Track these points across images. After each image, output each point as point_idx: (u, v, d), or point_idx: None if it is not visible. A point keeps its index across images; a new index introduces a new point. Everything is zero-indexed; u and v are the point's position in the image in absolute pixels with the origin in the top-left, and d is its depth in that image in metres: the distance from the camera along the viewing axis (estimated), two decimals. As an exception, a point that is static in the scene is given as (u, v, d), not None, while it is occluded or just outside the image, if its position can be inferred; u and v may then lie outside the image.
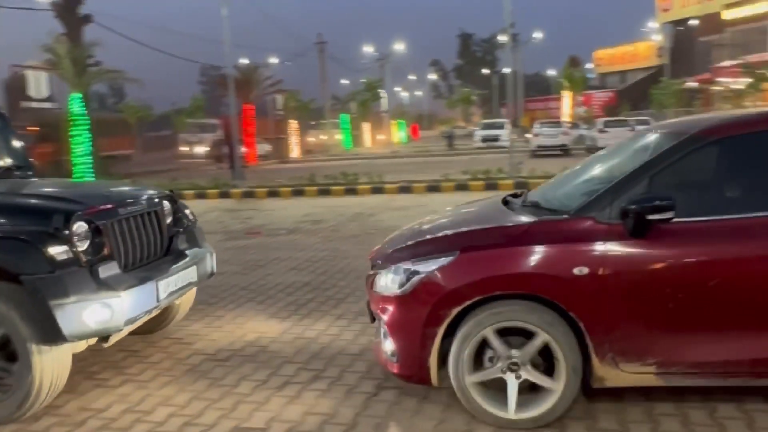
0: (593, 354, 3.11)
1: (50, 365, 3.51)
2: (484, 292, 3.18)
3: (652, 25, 58.80)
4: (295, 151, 37.50)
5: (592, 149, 25.97)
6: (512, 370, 3.18)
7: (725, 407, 3.34)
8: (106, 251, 3.81)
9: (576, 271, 3.07)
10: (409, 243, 3.65)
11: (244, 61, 37.17)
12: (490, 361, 3.25)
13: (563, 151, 26.16)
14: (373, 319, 3.80)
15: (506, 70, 38.40)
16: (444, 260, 3.27)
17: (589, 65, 66.98)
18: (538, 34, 48.45)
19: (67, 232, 3.58)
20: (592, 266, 3.06)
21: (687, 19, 52.47)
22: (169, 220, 4.60)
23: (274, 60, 47.15)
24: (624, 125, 26.20)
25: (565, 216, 3.26)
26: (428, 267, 3.30)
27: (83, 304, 3.47)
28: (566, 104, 43.51)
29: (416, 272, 3.32)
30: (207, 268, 4.72)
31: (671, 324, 3.08)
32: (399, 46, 51.30)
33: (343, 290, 6.20)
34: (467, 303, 3.18)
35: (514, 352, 3.17)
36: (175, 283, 4.23)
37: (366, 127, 49.99)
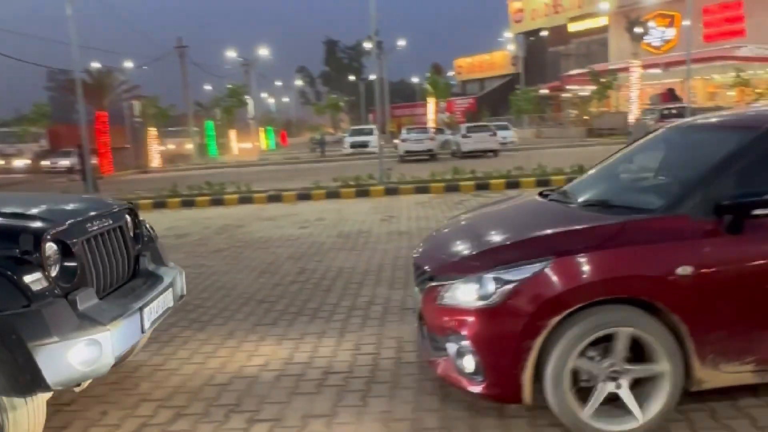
0: (694, 357, 2.97)
1: (25, 423, 2.92)
2: (587, 298, 2.93)
3: (507, 35, 62.25)
4: (155, 160, 35.57)
5: (457, 153, 26.94)
6: (612, 378, 2.99)
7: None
8: (78, 276, 3.22)
9: (680, 271, 2.92)
10: (485, 249, 3.35)
11: (96, 65, 34.70)
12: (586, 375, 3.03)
13: (430, 156, 26.81)
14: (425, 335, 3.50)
15: (372, 77, 38.84)
16: (538, 266, 2.98)
17: (450, 73, 69.66)
18: (401, 42, 49.52)
19: (38, 255, 2.98)
20: (696, 265, 2.92)
21: (537, 30, 56.09)
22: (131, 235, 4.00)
23: (129, 64, 44.41)
24: (485, 130, 27.41)
25: (656, 214, 3.12)
26: (520, 275, 2.99)
27: (68, 343, 2.86)
28: (431, 110, 44.84)
29: (506, 281, 3.00)
30: (178, 290, 4.14)
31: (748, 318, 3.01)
32: (264, 52, 50.32)
33: (209, 311, 5.72)
34: (567, 312, 2.92)
35: (615, 361, 2.97)
36: (156, 310, 3.67)
37: (232, 135, 48.53)
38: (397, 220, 10.56)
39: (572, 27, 51.54)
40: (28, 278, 2.87)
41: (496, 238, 3.54)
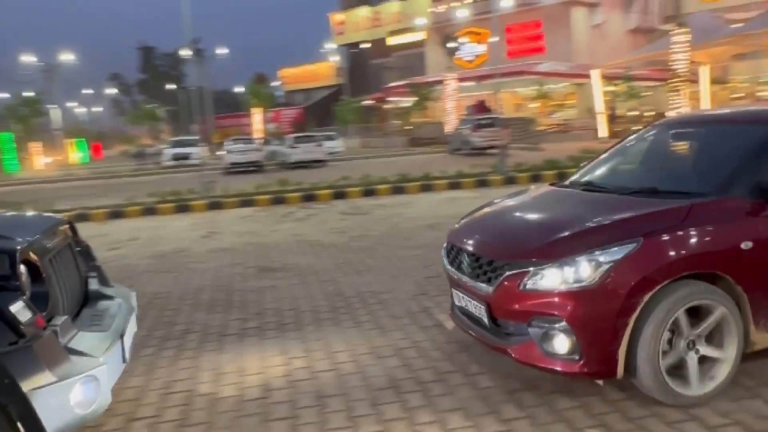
0: (751, 322, 3.37)
1: None
2: (674, 274, 3.21)
3: (330, 46, 63.05)
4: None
5: (285, 165, 26.57)
6: (689, 348, 3.28)
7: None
8: (51, 302, 2.79)
9: (743, 246, 3.30)
10: (572, 234, 3.45)
11: None
12: (668, 344, 3.25)
13: (257, 167, 26.15)
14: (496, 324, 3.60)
15: (194, 86, 37.18)
16: (629, 247, 3.20)
17: (276, 83, 69.03)
18: (223, 51, 48.02)
19: (16, 282, 2.56)
20: (754, 240, 3.31)
21: (359, 42, 57.47)
22: None
23: None
24: (312, 140, 27.32)
25: (713, 197, 3.43)
26: (614, 256, 3.19)
27: (67, 383, 2.47)
28: (257, 121, 43.98)
29: (601, 263, 3.19)
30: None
31: None
32: (69, 57, 46.07)
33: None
34: (658, 287, 3.17)
35: (694, 331, 3.27)
36: (130, 337, 3.29)
37: (35, 147, 43.80)
38: (219, 236, 10.00)
39: (391, 41, 53.48)
40: (12, 308, 2.43)
41: (566, 224, 3.63)
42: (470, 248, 3.90)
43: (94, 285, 3.66)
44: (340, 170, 19.95)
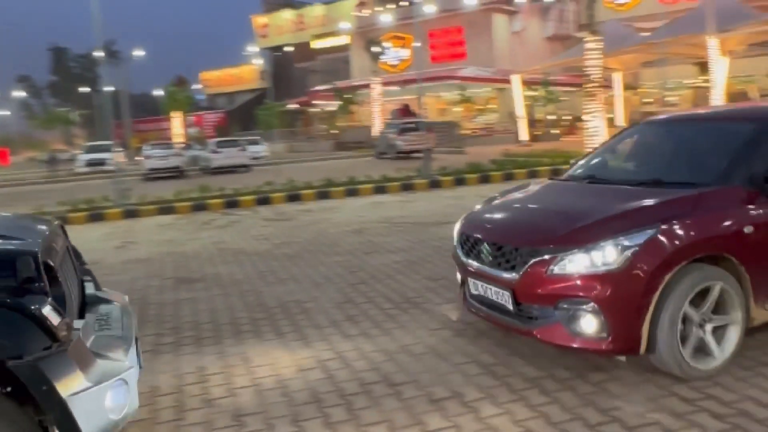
0: (752, 300, 3.70)
1: None
2: (690, 256, 3.51)
3: (253, 49, 62.06)
4: None
5: (207, 170, 25.86)
6: (701, 325, 3.57)
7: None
8: (67, 305, 2.66)
9: (746, 230, 3.66)
10: (595, 221, 3.70)
11: None
12: (682, 323, 3.50)
13: (178, 173, 25.34)
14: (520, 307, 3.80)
15: (109, 89, 35.61)
16: (650, 232, 3.48)
17: (197, 86, 67.30)
18: (140, 53, 46.30)
19: (42, 283, 2.45)
20: (755, 225, 3.67)
21: (283, 45, 56.86)
22: None
23: None
24: (235, 145, 26.71)
25: (716, 186, 3.81)
26: (637, 240, 3.46)
27: (102, 388, 2.43)
28: (176, 125, 42.68)
29: (626, 247, 3.45)
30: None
31: None
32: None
33: None
34: (677, 268, 3.45)
35: (701, 310, 3.56)
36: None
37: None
38: (135, 246, 9.55)
39: (315, 44, 53.23)
40: (44, 311, 2.34)
41: (586, 213, 3.88)
42: (492, 238, 4.12)
43: (90, 289, 3.52)
44: (265, 175, 19.56)
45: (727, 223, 3.69)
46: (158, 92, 53.42)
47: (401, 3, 47.43)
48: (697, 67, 33.27)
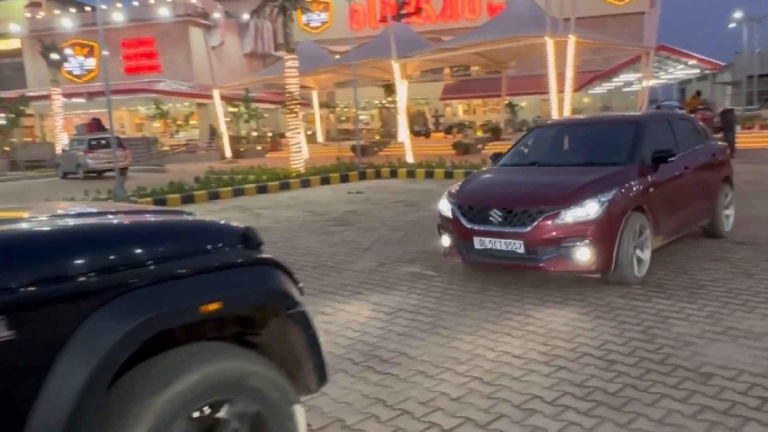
0: (653, 233, 5.82)
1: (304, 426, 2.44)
2: (632, 206, 5.58)
3: None
4: None
5: None
6: (636, 249, 5.61)
7: None
8: None
9: (651, 190, 5.87)
10: (578, 188, 5.53)
11: None
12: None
13: None
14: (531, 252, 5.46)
15: None
16: (614, 191, 5.50)
17: None
18: None
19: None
20: (654, 186, 5.91)
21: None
22: None
23: None
24: None
25: (630, 165, 5.91)
26: (608, 197, 5.44)
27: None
28: None
29: (603, 201, 5.39)
30: None
31: (671, 207, 6.22)
32: None
33: None
34: (628, 213, 5.49)
35: (639, 240, 5.64)
36: None
37: None
38: None
39: (-21, 47, 45.50)
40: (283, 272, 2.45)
41: (567, 183, 5.69)
42: (500, 205, 5.66)
43: None
44: None
45: (642, 186, 5.80)
46: None
47: (86, 8, 43.21)
48: (383, 89, 36.59)
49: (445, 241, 6.16)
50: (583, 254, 5.27)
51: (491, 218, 5.61)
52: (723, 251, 6.76)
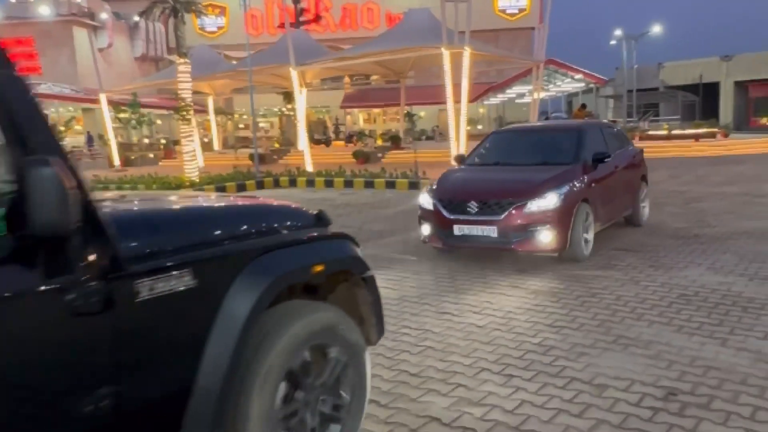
0: (595, 220, 7.15)
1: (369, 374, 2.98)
2: (581, 197, 6.83)
3: None
4: None
5: None
6: (586, 230, 6.94)
7: None
8: None
9: (592, 185, 7.18)
10: (541, 182, 6.73)
11: None
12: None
13: None
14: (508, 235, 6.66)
15: None
16: (568, 186, 6.78)
17: None
18: None
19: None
20: (595, 181, 7.28)
21: None
22: None
23: None
24: None
25: (577, 164, 7.24)
26: (564, 190, 6.68)
27: None
28: None
29: (561, 193, 6.59)
30: None
31: (606, 199, 7.53)
32: None
33: None
34: (578, 203, 6.71)
35: (586, 223, 6.96)
36: None
37: None
38: None
39: None
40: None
41: (530, 179, 6.93)
42: (476, 198, 6.75)
43: None
44: None
45: (587, 181, 7.07)
46: None
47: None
48: (282, 96, 36.01)
49: (426, 230, 7.24)
50: (546, 237, 6.46)
51: (469, 209, 6.71)
52: (611, 259, 7.03)
